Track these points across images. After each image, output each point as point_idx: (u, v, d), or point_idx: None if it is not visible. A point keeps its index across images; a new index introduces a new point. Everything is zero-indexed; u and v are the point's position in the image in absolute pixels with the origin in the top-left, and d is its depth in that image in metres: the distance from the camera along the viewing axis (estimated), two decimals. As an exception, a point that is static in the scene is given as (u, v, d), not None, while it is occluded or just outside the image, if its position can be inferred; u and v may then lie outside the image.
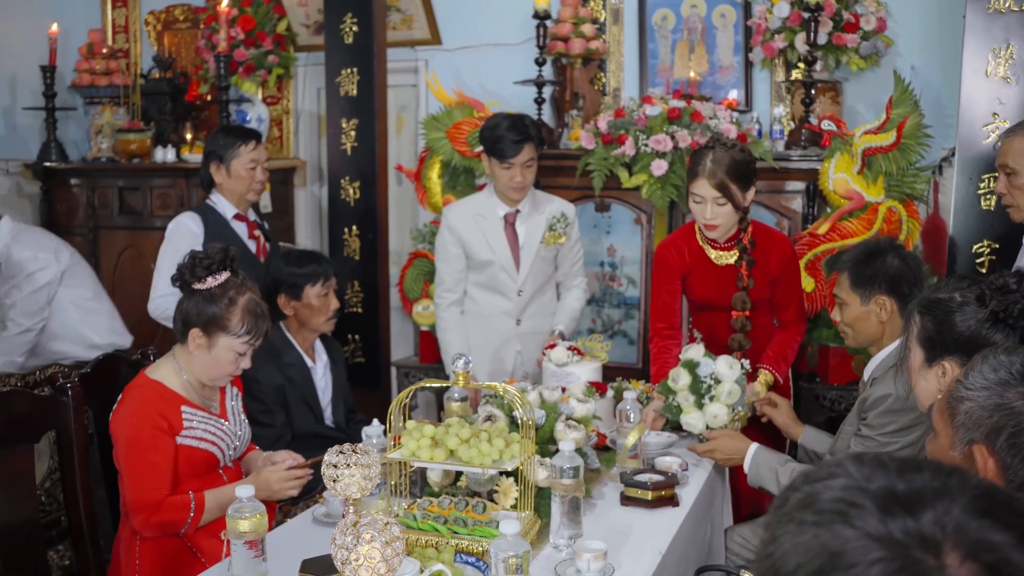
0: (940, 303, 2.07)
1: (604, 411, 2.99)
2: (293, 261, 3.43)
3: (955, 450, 1.47)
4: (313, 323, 3.38)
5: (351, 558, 1.65)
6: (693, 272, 3.21)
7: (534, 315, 3.69)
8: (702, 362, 2.87)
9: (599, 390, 3.01)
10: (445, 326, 3.69)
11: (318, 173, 5.74)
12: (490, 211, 3.63)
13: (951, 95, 4.08)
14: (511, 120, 3.52)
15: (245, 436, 2.75)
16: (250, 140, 3.67)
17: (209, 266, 2.55)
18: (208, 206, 3.67)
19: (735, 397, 2.83)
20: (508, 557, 1.85)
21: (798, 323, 3.26)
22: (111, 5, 5.90)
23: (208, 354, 2.55)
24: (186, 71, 5.61)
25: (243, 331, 2.55)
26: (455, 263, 3.65)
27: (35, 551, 2.55)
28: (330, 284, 3.40)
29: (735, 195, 2.99)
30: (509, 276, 3.64)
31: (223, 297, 2.54)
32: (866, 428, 2.65)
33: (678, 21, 4.84)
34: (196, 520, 2.47)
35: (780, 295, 3.21)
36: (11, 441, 2.47)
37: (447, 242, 3.66)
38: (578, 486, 2.24)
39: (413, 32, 5.29)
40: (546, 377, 3.14)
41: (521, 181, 3.51)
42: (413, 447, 2.19)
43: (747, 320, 3.17)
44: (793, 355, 3.25)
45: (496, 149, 3.48)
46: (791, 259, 3.23)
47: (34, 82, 5.28)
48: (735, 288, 3.14)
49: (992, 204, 3.58)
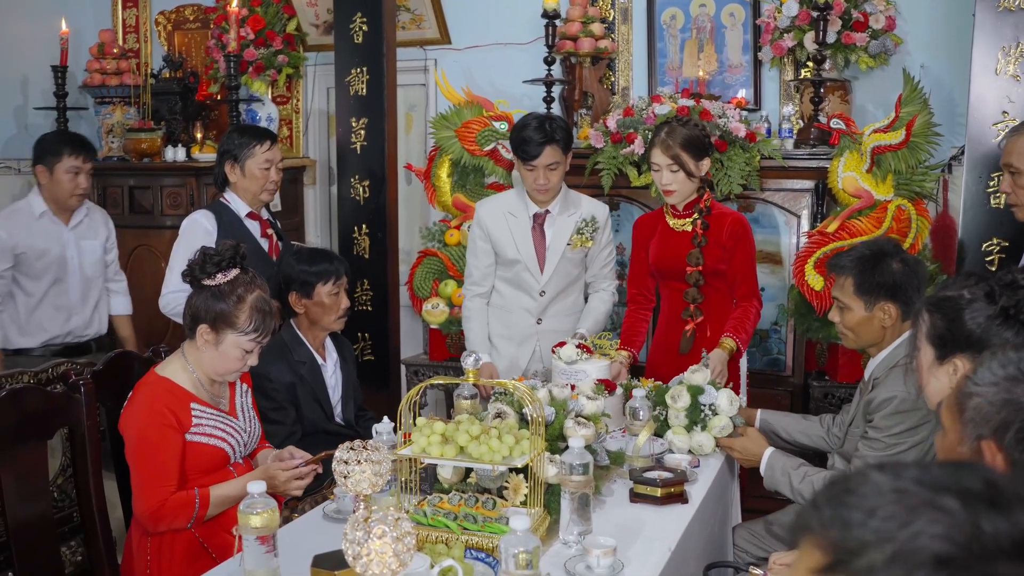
0: (949, 301, 2.06)
1: (613, 409, 3.00)
2: (305, 259, 3.44)
3: (964, 446, 1.48)
4: (324, 321, 3.39)
5: (362, 553, 1.66)
6: (654, 238, 3.48)
7: (556, 315, 3.69)
8: (706, 389, 2.90)
9: (608, 388, 3.01)
10: (469, 315, 3.73)
11: (328, 172, 5.76)
12: (520, 210, 3.63)
13: (961, 93, 4.08)
14: (539, 120, 3.49)
15: (255, 433, 2.76)
16: (265, 140, 3.69)
17: (219, 262, 2.56)
18: (222, 204, 3.69)
19: (726, 432, 2.86)
20: (518, 552, 1.86)
21: (751, 298, 3.39)
22: (122, 5, 5.93)
23: (215, 350, 2.56)
24: (196, 71, 5.64)
25: (250, 328, 2.56)
26: (484, 258, 3.69)
27: (48, 547, 2.57)
28: (341, 283, 3.41)
29: (687, 163, 3.28)
30: (533, 276, 3.63)
31: (232, 294, 2.55)
32: (873, 431, 2.64)
33: (687, 20, 4.84)
34: (201, 515, 2.48)
35: (734, 270, 3.36)
36: (24, 437, 2.49)
37: (476, 236, 3.70)
38: (588, 483, 2.25)
39: (422, 31, 5.31)
40: (556, 374, 3.15)
41: (544, 183, 3.48)
42: (423, 444, 2.20)
43: (700, 275, 3.36)
44: (751, 328, 3.39)
45: (520, 149, 3.48)
46: (744, 235, 3.38)
47: (45, 82, 5.31)
48: (690, 251, 3.36)
49: (1001, 203, 3.57)
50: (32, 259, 3.93)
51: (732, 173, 4.09)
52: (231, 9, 5.04)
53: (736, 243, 3.35)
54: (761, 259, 4.35)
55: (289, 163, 5.44)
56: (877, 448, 2.62)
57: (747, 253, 3.39)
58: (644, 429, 2.79)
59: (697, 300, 3.39)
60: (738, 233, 3.36)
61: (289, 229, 5.27)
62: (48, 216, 3.97)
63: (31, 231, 3.93)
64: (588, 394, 2.82)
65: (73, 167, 3.90)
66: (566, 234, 3.61)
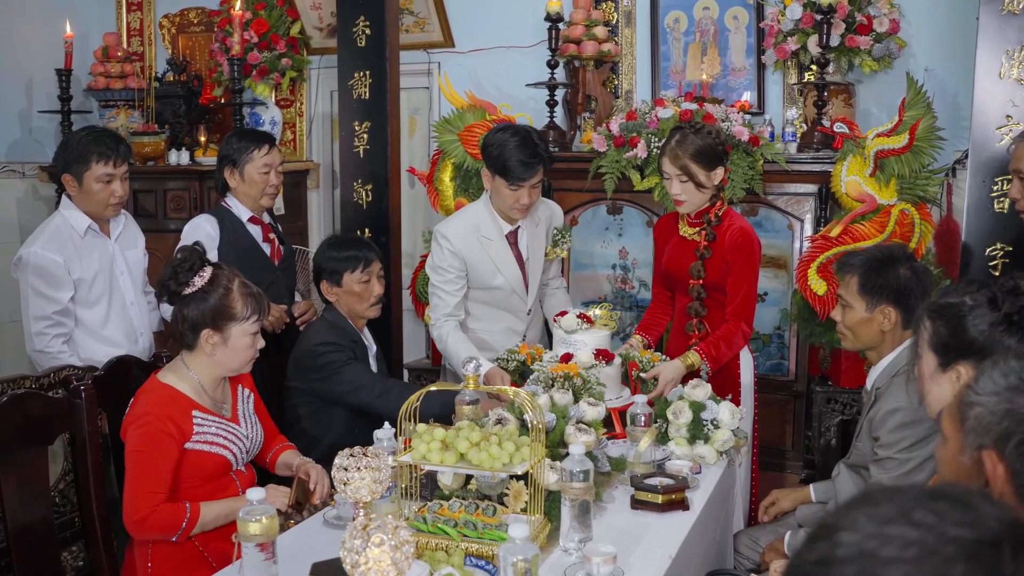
0: (951, 307, 2.05)
1: (610, 378, 3.03)
2: (334, 246, 3.44)
3: (964, 455, 1.47)
4: (357, 309, 3.38)
5: (360, 561, 1.66)
6: (667, 243, 3.43)
7: (534, 326, 3.70)
8: (707, 405, 2.89)
9: (606, 358, 3.04)
10: (444, 335, 3.47)
11: (331, 176, 5.76)
12: (493, 231, 3.47)
13: (964, 97, 4.07)
14: (521, 138, 3.33)
15: (258, 439, 2.76)
16: (263, 144, 3.65)
17: (191, 267, 2.58)
18: (224, 208, 3.66)
19: (728, 445, 2.87)
20: (517, 561, 1.85)
21: (739, 320, 3.23)
22: (126, 9, 5.94)
23: (226, 348, 2.59)
24: (200, 74, 5.64)
25: (249, 313, 2.60)
26: (458, 285, 3.48)
27: (49, 551, 2.57)
28: (371, 270, 3.38)
29: (696, 174, 3.18)
30: (520, 298, 3.57)
31: (217, 289, 2.58)
32: (882, 449, 2.61)
33: (690, 23, 4.83)
34: (188, 530, 2.47)
35: (730, 282, 3.24)
36: (26, 442, 2.50)
37: (448, 266, 3.46)
38: (588, 490, 2.24)
39: (426, 35, 5.31)
40: (556, 344, 3.16)
41: (528, 202, 3.38)
42: (424, 450, 2.20)
43: (703, 288, 3.27)
44: (728, 352, 3.23)
45: (504, 169, 3.32)
46: (744, 245, 3.21)
47: (49, 85, 5.32)
48: (692, 263, 3.28)
49: (1005, 207, 3.56)
50: (87, 285, 3.38)
51: (735, 177, 4.08)
52: (235, 13, 5.05)
53: (736, 255, 3.20)
54: (764, 263, 4.34)
55: (292, 167, 5.45)
56: (890, 469, 2.58)
57: (745, 267, 3.22)
58: (645, 436, 2.78)
59: (700, 314, 3.28)
60: (738, 243, 3.20)
61: (292, 233, 5.28)
62: (93, 231, 3.43)
63: (80, 252, 3.37)
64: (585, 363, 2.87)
65: (105, 175, 3.36)
66: (539, 247, 3.58)
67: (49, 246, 3.30)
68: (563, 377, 2.86)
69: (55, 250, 3.30)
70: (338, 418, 3.31)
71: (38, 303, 3.29)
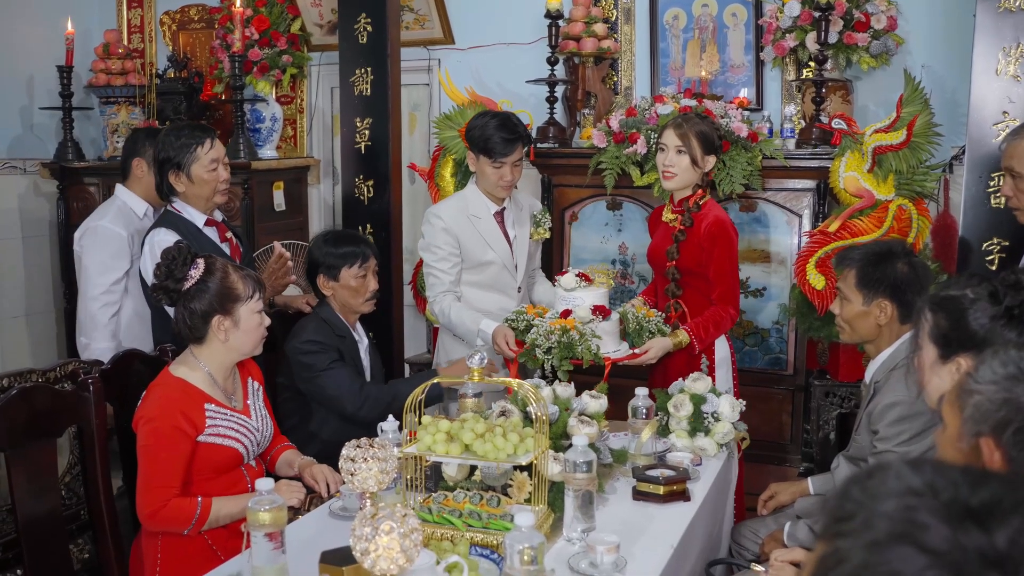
0: (952, 300, 2.08)
1: (608, 332, 3.17)
2: (331, 242, 3.45)
3: (962, 442, 1.50)
4: (352, 304, 3.41)
5: (370, 548, 1.69)
6: (654, 228, 3.60)
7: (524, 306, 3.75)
8: (708, 398, 2.93)
9: (603, 314, 3.19)
10: (447, 309, 3.56)
11: (331, 172, 5.78)
12: (482, 211, 3.65)
13: (962, 93, 4.09)
14: (500, 119, 3.55)
15: (267, 433, 2.79)
16: (204, 139, 3.35)
17: (184, 261, 2.62)
18: (175, 215, 3.35)
19: (728, 437, 2.91)
20: (523, 548, 1.88)
21: (726, 303, 3.37)
22: (127, 5, 5.95)
23: (238, 330, 2.63)
24: (201, 71, 5.66)
25: (251, 291, 2.66)
26: (452, 262, 3.61)
27: (57, 543, 2.60)
28: (368, 266, 3.40)
29: (694, 149, 3.32)
30: (510, 274, 3.69)
31: (214, 275, 2.62)
32: (881, 442, 2.63)
33: (689, 20, 4.86)
34: (199, 525, 2.50)
35: (711, 272, 3.35)
36: (33, 436, 2.52)
37: (442, 243, 3.60)
38: (591, 480, 2.27)
39: (426, 32, 5.33)
40: (557, 302, 3.32)
41: (511, 179, 3.57)
42: (429, 442, 2.22)
43: (676, 270, 3.39)
44: (716, 329, 3.37)
45: (487, 148, 3.52)
46: (720, 235, 3.32)
47: (51, 82, 5.33)
48: (669, 246, 3.42)
49: (1002, 203, 3.59)
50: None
51: (734, 173, 4.11)
52: (236, 9, 5.06)
53: (712, 244, 3.32)
54: (762, 258, 4.38)
55: (293, 163, 5.47)
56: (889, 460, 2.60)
57: (724, 255, 3.34)
58: (647, 428, 2.81)
59: (676, 294, 3.42)
60: (713, 233, 3.31)
61: (293, 229, 5.30)
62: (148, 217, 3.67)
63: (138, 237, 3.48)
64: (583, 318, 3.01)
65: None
66: (525, 227, 3.74)
67: (117, 221, 3.62)
68: (560, 330, 3.04)
69: (121, 226, 3.62)
70: (332, 415, 3.34)
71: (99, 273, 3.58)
